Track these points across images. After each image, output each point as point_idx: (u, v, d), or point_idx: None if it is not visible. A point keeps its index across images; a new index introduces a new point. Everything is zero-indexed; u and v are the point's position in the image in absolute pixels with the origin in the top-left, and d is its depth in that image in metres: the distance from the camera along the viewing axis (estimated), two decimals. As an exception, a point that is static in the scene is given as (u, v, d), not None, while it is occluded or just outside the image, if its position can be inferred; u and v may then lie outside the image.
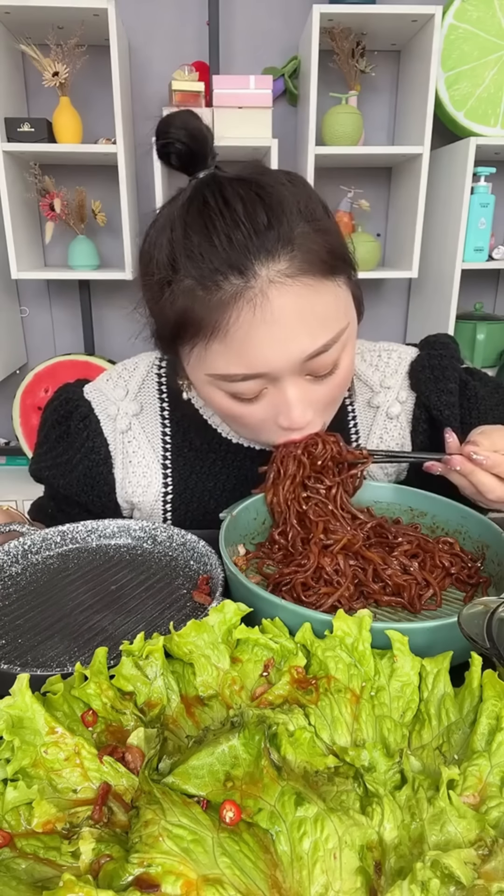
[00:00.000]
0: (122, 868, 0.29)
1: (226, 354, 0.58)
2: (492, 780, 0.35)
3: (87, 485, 0.79)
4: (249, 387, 0.60)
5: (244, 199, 0.56)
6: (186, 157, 0.60)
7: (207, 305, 0.56)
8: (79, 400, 0.80)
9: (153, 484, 0.79)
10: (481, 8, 1.73)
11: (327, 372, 0.61)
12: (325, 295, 0.58)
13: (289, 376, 0.59)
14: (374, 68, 1.82)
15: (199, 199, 0.57)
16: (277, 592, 0.57)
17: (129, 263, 1.79)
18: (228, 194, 0.56)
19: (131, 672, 0.42)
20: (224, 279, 0.55)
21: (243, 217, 0.55)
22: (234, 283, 0.55)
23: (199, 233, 0.56)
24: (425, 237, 1.88)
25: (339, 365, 0.62)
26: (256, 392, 0.61)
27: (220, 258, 0.55)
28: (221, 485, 0.80)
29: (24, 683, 0.37)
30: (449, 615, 0.46)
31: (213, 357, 0.59)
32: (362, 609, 0.47)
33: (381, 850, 0.33)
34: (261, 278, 0.55)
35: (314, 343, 0.58)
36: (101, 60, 1.72)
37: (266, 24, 1.89)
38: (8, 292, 1.99)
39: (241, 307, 0.55)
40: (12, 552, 0.64)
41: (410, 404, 0.81)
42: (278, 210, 0.56)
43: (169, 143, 0.59)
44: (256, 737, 0.35)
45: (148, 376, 0.81)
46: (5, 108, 1.70)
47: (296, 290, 0.56)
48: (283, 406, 0.61)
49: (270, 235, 0.55)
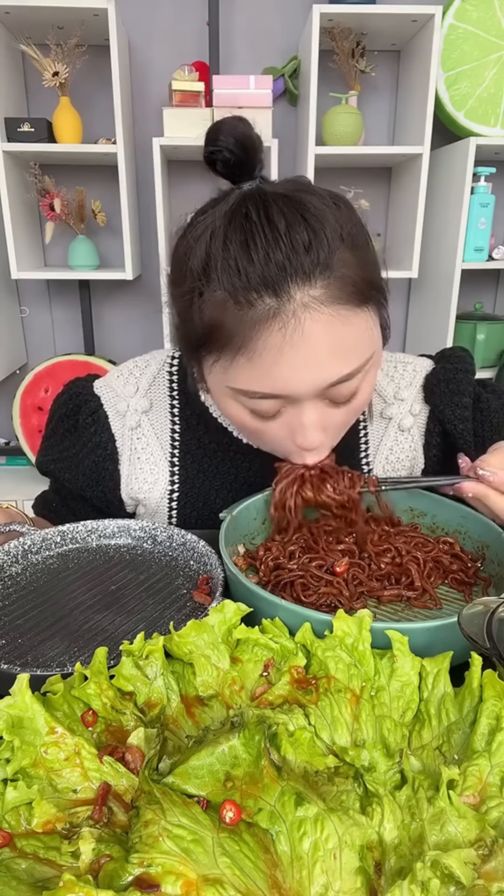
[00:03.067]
0: (122, 868, 0.29)
1: (250, 372, 0.58)
2: (492, 780, 0.35)
3: (93, 480, 0.80)
4: (268, 405, 0.60)
5: (287, 218, 0.55)
6: (234, 165, 0.59)
7: (238, 321, 0.56)
8: (88, 395, 0.81)
9: (160, 481, 0.79)
10: (481, 8, 1.73)
11: (346, 399, 0.61)
12: (356, 325, 0.57)
13: (308, 400, 0.59)
14: (374, 68, 1.82)
15: (242, 211, 0.56)
16: (277, 592, 0.57)
17: (128, 263, 1.80)
18: (272, 211, 0.55)
19: (131, 672, 0.42)
20: (258, 297, 0.54)
21: (284, 236, 0.54)
22: (268, 303, 0.54)
23: (238, 246, 0.55)
24: (425, 237, 1.88)
25: (359, 392, 0.61)
26: (274, 411, 0.61)
27: (257, 275, 0.54)
28: (228, 484, 0.80)
29: (24, 683, 0.37)
30: (449, 615, 0.46)
31: (237, 372, 0.59)
32: (362, 609, 0.47)
33: (381, 850, 0.33)
34: (295, 301, 0.54)
35: (339, 372, 0.57)
36: (101, 60, 1.72)
37: (266, 24, 1.89)
38: (8, 292, 1.99)
39: (271, 328, 0.55)
40: (12, 552, 0.64)
41: (423, 417, 0.80)
42: (320, 233, 0.55)
43: (217, 151, 0.58)
44: (256, 737, 0.35)
45: (159, 374, 0.81)
46: (5, 108, 1.70)
47: (327, 318, 0.55)
48: (298, 427, 0.61)
49: (309, 258, 0.54)
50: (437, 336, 1.93)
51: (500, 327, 1.95)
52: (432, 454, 0.80)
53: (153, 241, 1.95)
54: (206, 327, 0.58)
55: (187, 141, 1.66)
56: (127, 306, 2.13)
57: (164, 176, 1.77)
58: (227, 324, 0.56)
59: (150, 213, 1.93)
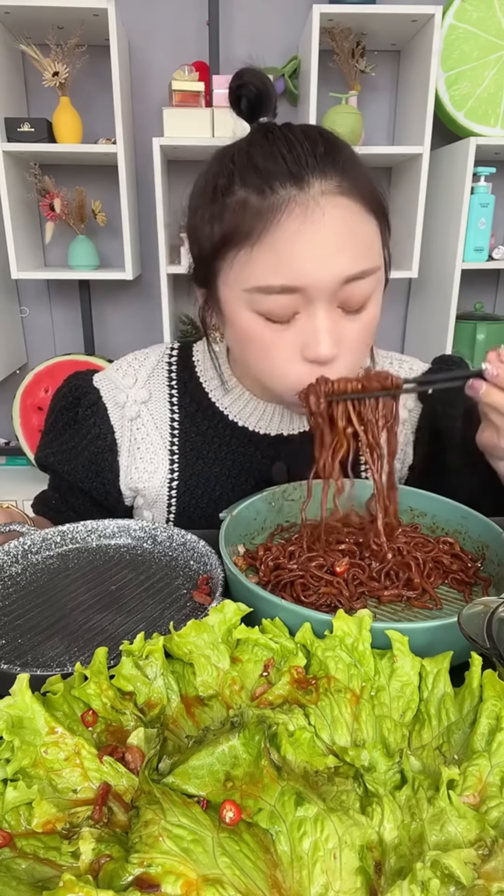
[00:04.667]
0: (122, 868, 0.29)
1: (269, 261, 0.59)
2: (492, 780, 0.35)
3: (92, 471, 0.80)
4: (284, 303, 0.61)
5: (306, 133, 0.61)
6: (256, 100, 0.65)
7: (260, 210, 0.59)
8: (87, 387, 0.81)
9: (159, 470, 0.80)
10: (481, 8, 1.73)
11: (358, 308, 0.63)
12: (367, 225, 0.62)
13: (323, 301, 0.60)
14: (374, 68, 1.82)
15: (262, 132, 0.63)
16: (277, 592, 0.57)
17: (128, 263, 1.80)
18: (292, 129, 0.62)
19: (131, 672, 0.42)
20: (280, 185, 0.59)
21: (303, 144, 0.60)
22: (289, 190, 0.59)
23: (260, 152, 0.61)
24: (425, 237, 1.88)
25: (369, 304, 0.63)
26: (289, 313, 0.61)
27: (279, 169, 0.59)
28: (227, 470, 0.80)
29: (24, 683, 0.37)
30: (449, 615, 0.46)
31: (255, 265, 0.60)
32: (362, 609, 0.47)
33: (381, 850, 0.33)
34: (314, 188, 0.59)
35: (355, 265, 0.60)
36: (101, 60, 1.72)
37: (266, 24, 1.89)
38: (8, 292, 1.99)
39: (292, 210, 0.58)
40: (12, 552, 0.64)
41: (416, 414, 0.82)
42: (335, 147, 0.62)
43: (242, 86, 0.64)
44: (256, 737, 0.35)
45: (158, 365, 0.82)
46: (5, 108, 1.70)
47: (345, 206, 0.59)
48: (311, 335, 0.61)
49: (327, 159, 0.60)
50: (437, 336, 1.93)
51: (500, 327, 1.95)
52: (420, 451, 0.82)
53: (153, 241, 1.95)
54: (226, 228, 0.61)
55: (187, 141, 1.66)
56: (127, 306, 2.13)
57: (164, 176, 1.76)
58: (248, 216, 0.60)
59: (150, 213, 1.93)
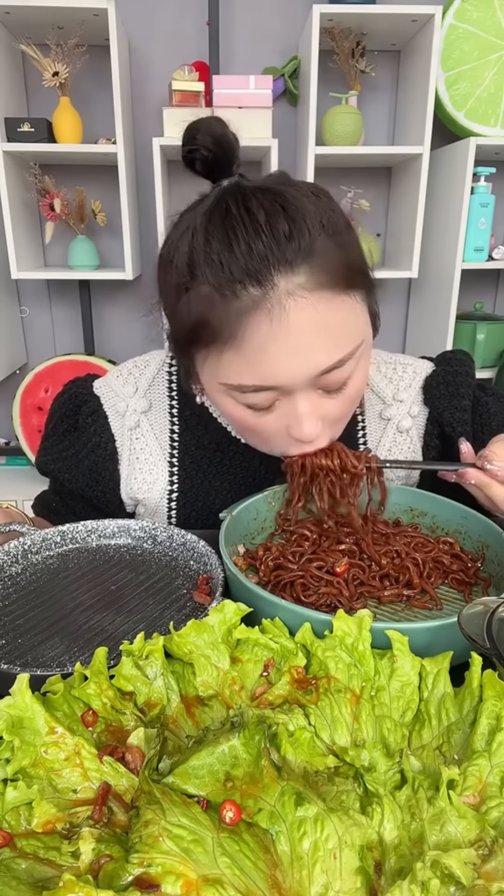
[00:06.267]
0: (122, 868, 0.29)
1: (239, 365, 0.58)
2: (492, 780, 0.35)
3: (93, 479, 0.80)
4: (262, 398, 0.60)
5: (266, 209, 0.55)
6: (212, 164, 0.60)
7: (225, 314, 0.56)
8: (88, 395, 0.81)
9: (159, 481, 0.79)
10: (481, 8, 1.73)
11: (339, 387, 0.61)
12: (342, 310, 0.57)
13: (301, 390, 0.59)
14: (374, 68, 1.82)
15: (222, 207, 0.57)
16: (277, 592, 0.57)
17: (128, 263, 1.80)
18: (251, 203, 0.56)
19: (131, 672, 0.42)
20: (242, 288, 0.55)
21: (265, 226, 0.54)
22: (252, 294, 0.55)
23: (219, 240, 0.55)
24: (425, 237, 1.88)
25: (351, 381, 0.61)
26: (269, 403, 0.61)
27: (240, 266, 0.54)
28: (228, 484, 0.80)
29: (24, 683, 0.37)
30: (449, 615, 0.46)
31: (227, 366, 0.59)
32: (362, 609, 0.47)
33: (381, 850, 0.33)
34: (279, 289, 0.54)
35: (329, 359, 0.57)
36: (101, 60, 1.72)
37: (266, 24, 1.89)
38: (8, 292, 1.99)
39: (258, 317, 0.55)
40: (12, 552, 0.64)
41: (423, 419, 0.80)
42: (300, 221, 0.55)
43: (195, 150, 0.59)
44: (256, 737, 0.35)
45: (158, 374, 0.81)
46: (5, 108, 1.70)
47: (313, 304, 0.55)
48: (293, 419, 0.61)
49: (291, 246, 0.54)
50: (437, 336, 1.93)
51: (500, 327, 1.95)
52: (431, 455, 0.80)
53: (153, 241, 1.95)
54: (193, 323, 0.58)
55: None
56: (127, 306, 2.13)
57: (164, 176, 1.76)
58: (213, 318, 0.56)
59: (150, 213, 1.93)
